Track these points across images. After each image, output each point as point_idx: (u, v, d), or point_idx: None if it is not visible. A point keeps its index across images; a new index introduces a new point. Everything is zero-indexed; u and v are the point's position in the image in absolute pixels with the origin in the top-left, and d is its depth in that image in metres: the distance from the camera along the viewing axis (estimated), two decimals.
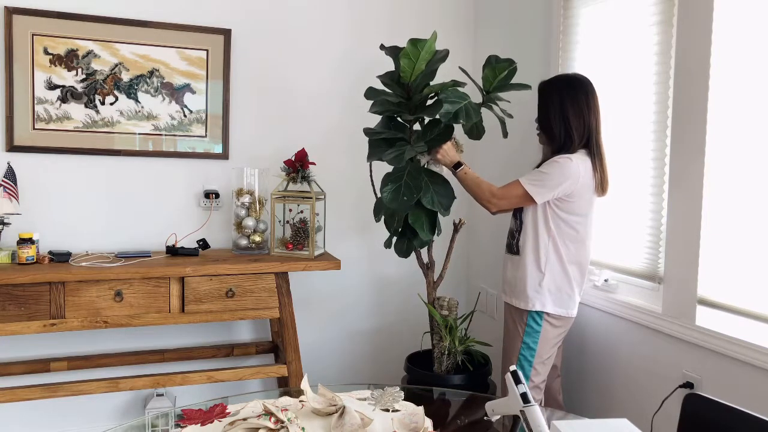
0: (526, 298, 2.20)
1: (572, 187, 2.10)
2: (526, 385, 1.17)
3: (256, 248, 2.77)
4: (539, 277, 2.18)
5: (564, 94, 2.15)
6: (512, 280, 2.26)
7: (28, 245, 2.39)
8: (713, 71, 1.91)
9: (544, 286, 2.17)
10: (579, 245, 2.18)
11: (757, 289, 1.82)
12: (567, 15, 2.59)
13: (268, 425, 1.23)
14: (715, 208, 1.93)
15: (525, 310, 2.20)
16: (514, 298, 2.24)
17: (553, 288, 2.18)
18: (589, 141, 2.15)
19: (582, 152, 2.14)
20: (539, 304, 2.18)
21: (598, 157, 2.14)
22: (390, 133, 2.41)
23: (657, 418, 2.08)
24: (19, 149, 2.61)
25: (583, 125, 2.13)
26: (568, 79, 2.19)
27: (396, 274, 3.28)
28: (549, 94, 2.18)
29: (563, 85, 2.17)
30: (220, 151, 2.90)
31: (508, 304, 2.29)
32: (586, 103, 2.14)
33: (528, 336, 2.20)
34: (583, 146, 2.15)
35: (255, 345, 3.00)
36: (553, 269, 2.17)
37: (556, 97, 2.16)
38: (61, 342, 2.76)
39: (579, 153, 2.13)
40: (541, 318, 2.19)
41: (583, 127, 2.13)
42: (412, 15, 3.20)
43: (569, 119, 2.13)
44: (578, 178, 2.09)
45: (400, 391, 1.50)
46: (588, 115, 2.14)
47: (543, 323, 2.19)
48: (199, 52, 2.82)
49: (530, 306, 2.19)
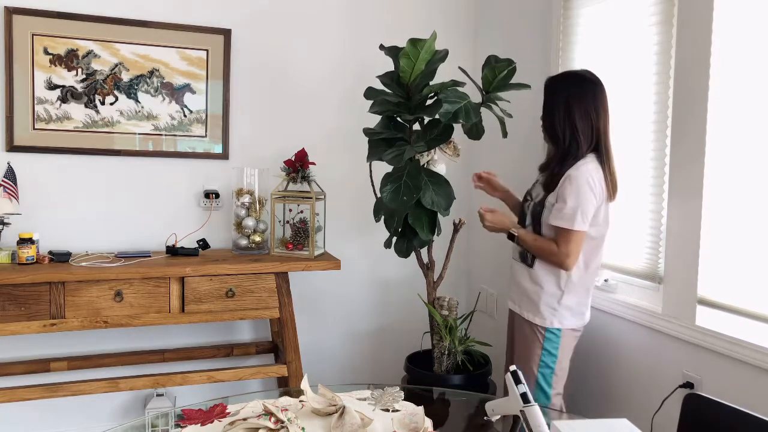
0: (542, 315, 2.08)
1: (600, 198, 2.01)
2: (526, 385, 1.17)
3: (256, 248, 2.76)
4: (558, 295, 2.06)
5: (571, 93, 2.02)
6: (526, 291, 2.13)
7: (28, 245, 2.39)
8: (713, 71, 1.91)
9: (563, 303, 2.06)
10: (596, 252, 2.08)
11: (757, 289, 1.82)
12: (567, 15, 2.59)
13: (268, 425, 1.23)
14: (715, 208, 1.93)
15: (541, 326, 2.09)
16: (528, 312, 2.12)
17: (573, 304, 2.07)
18: (598, 145, 2.02)
19: (591, 157, 2.02)
20: (557, 321, 2.07)
21: (607, 163, 2.03)
22: (390, 133, 2.41)
23: (657, 418, 2.08)
24: (19, 149, 2.61)
25: (591, 128, 2.01)
26: (576, 76, 2.06)
27: (396, 274, 3.28)
28: (554, 92, 2.06)
29: (570, 83, 2.05)
30: (220, 151, 2.90)
31: (520, 316, 2.16)
32: (593, 104, 2.01)
33: (548, 342, 2.08)
34: (591, 150, 2.03)
35: (255, 345, 3.00)
36: (573, 287, 2.06)
37: (561, 97, 2.03)
38: (61, 342, 2.76)
39: (588, 158, 2.01)
40: (559, 331, 2.08)
41: (590, 129, 2.01)
42: (412, 15, 3.20)
43: (575, 122, 2.01)
44: (602, 190, 2.00)
45: (400, 391, 1.50)
46: (596, 117, 2.01)
47: (561, 337, 2.08)
48: (199, 52, 2.82)
49: (547, 324, 2.07)
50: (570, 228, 1.96)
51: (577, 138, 2.01)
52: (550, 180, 2.05)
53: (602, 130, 2.03)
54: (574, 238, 1.98)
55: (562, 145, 2.04)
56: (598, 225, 2.03)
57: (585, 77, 2.05)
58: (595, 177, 1.98)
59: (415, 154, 2.35)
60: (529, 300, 2.12)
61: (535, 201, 2.13)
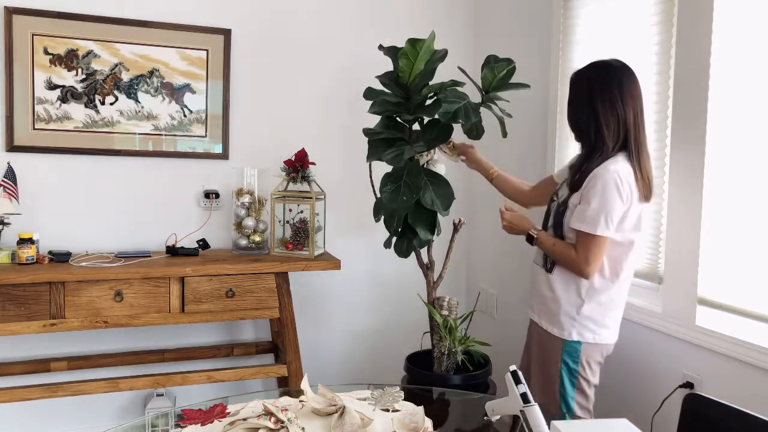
0: (561, 325, 1.92)
1: (628, 202, 1.83)
2: (525, 385, 1.17)
3: (256, 248, 2.76)
4: (577, 303, 1.89)
5: (593, 84, 1.85)
6: (544, 299, 1.97)
7: (28, 245, 2.39)
8: (713, 71, 1.91)
9: (583, 314, 1.89)
10: (624, 259, 1.88)
11: (757, 289, 1.82)
12: (567, 15, 2.59)
13: (268, 425, 1.23)
14: (715, 208, 1.93)
15: (559, 338, 1.93)
16: (547, 321, 1.97)
17: (596, 315, 1.90)
18: (627, 141, 1.84)
19: (621, 156, 1.84)
20: (576, 333, 1.90)
21: (637, 160, 1.83)
22: (389, 133, 2.41)
23: (657, 418, 2.08)
24: (19, 149, 2.61)
25: (617, 122, 1.82)
26: (600, 63, 1.89)
27: (396, 274, 3.28)
28: (577, 85, 1.91)
29: (593, 74, 1.88)
30: (220, 151, 2.90)
31: (538, 325, 2.01)
32: (620, 95, 1.82)
33: (567, 356, 1.91)
34: (621, 147, 1.85)
35: (255, 345, 3.00)
36: (596, 295, 1.89)
37: (584, 89, 1.87)
38: (61, 342, 2.76)
39: (619, 157, 1.83)
40: (580, 345, 1.91)
41: (617, 124, 1.83)
42: (411, 15, 3.20)
43: (599, 116, 1.83)
44: (631, 193, 1.82)
45: (400, 391, 1.50)
46: (622, 107, 1.82)
47: (582, 352, 1.91)
48: (199, 52, 2.82)
49: (566, 335, 1.91)
50: (592, 233, 1.80)
51: (602, 134, 1.83)
52: (576, 179, 1.88)
53: (631, 123, 1.83)
54: (595, 244, 1.81)
55: (587, 139, 1.88)
56: (624, 230, 1.85)
57: (609, 63, 1.88)
58: (623, 177, 1.79)
59: (415, 154, 2.35)
60: (547, 309, 1.96)
61: (559, 201, 1.97)
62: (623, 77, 1.84)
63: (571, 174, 1.94)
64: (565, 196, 1.93)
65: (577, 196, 1.87)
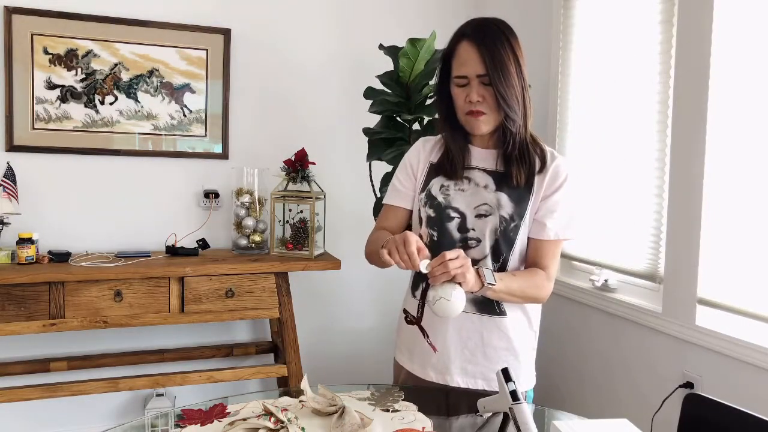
0: (528, 375, 1.57)
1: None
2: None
3: (256, 248, 2.76)
4: (532, 339, 1.56)
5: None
6: (497, 354, 1.52)
7: (28, 245, 2.39)
8: (713, 71, 1.91)
9: (534, 347, 1.57)
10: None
11: (756, 289, 1.82)
12: (567, 15, 2.59)
13: (268, 425, 1.23)
14: (715, 208, 1.93)
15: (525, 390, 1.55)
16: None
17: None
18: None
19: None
20: (533, 378, 1.58)
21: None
22: (389, 132, 2.41)
23: (657, 418, 2.08)
24: (19, 149, 2.61)
25: (439, 101, 1.53)
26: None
27: (396, 273, 3.27)
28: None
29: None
30: (219, 151, 2.90)
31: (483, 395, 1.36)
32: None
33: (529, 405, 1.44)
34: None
35: (255, 345, 3.00)
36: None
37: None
38: (61, 342, 2.75)
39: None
40: (532, 389, 1.58)
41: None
42: (412, 14, 3.19)
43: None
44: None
45: (400, 391, 1.50)
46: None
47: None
48: (198, 51, 2.82)
49: (531, 383, 1.57)
50: (572, 238, 1.54)
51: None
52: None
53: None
54: (559, 250, 1.54)
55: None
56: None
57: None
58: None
59: None
60: (501, 365, 1.42)
61: (502, 214, 1.53)
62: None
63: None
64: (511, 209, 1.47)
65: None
